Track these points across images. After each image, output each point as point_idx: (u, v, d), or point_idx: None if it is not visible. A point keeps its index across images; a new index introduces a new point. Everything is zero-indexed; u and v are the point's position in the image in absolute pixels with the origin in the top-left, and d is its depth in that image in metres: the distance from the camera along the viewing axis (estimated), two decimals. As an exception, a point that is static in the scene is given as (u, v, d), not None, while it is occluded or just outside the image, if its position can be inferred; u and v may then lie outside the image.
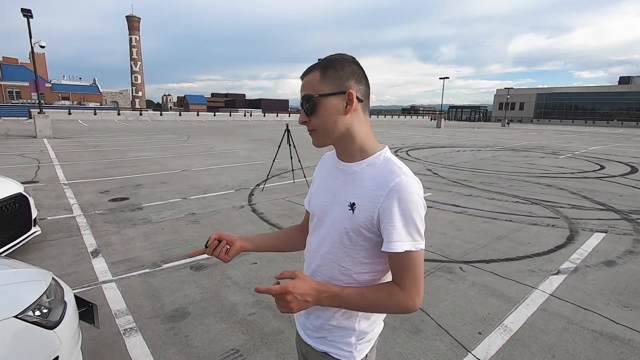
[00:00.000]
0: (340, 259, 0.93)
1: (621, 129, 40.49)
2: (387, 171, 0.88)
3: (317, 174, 1.09)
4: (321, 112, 0.88)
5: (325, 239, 0.96)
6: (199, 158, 10.46)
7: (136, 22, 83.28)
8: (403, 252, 0.83)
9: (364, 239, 0.90)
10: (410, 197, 0.84)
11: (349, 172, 0.94)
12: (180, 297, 2.89)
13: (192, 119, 40.08)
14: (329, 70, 0.89)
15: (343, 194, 0.93)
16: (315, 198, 1.03)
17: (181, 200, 5.78)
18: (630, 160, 11.77)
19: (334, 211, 0.93)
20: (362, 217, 0.88)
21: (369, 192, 0.87)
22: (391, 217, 0.84)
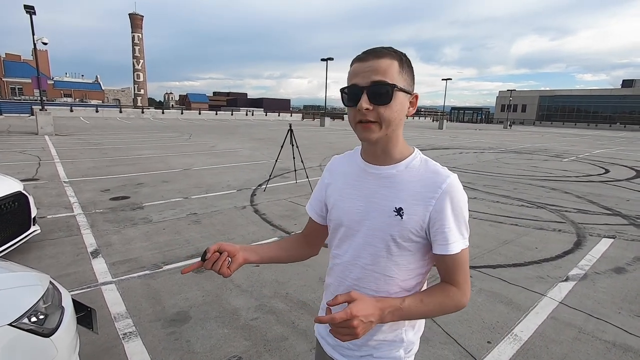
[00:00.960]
0: (386, 268, 0.89)
1: (624, 132, 40.33)
2: (432, 172, 0.86)
3: (331, 179, 1.01)
4: (393, 105, 0.81)
5: (365, 249, 0.90)
6: (200, 157, 10.40)
7: (139, 19, 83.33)
8: (459, 251, 0.84)
9: (410, 244, 0.87)
10: (461, 196, 0.85)
11: (384, 175, 0.89)
12: (182, 300, 2.82)
13: (193, 118, 40.05)
14: (405, 64, 0.84)
15: (382, 199, 0.87)
16: (341, 205, 0.94)
17: (183, 199, 5.72)
18: (634, 164, 11.68)
19: (373, 218, 0.88)
20: (413, 222, 0.84)
21: (417, 195, 0.84)
22: (445, 219, 0.83)
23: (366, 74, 0.81)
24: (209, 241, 4.01)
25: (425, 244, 0.87)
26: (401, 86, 0.81)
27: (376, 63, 0.80)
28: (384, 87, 0.80)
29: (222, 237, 4.15)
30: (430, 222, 0.83)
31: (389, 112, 0.81)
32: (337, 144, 15.73)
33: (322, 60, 33.60)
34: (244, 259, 0.97)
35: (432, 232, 0.84)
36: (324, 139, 17.92)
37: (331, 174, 1.02)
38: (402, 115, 0.84)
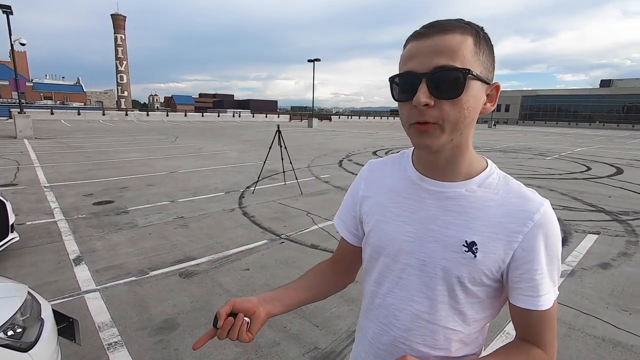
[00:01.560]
0: (447, 318, 0.68)
1: (603, 131, 41.57)
2: (518, 196, 0.65)
3: (369, 191, 0.79)
4: (465, 100, 0.58)
5: (420, 292, 0.69)
6: (187, 159, 10.23)
7: (122, 20, 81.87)
8: (550, 307, 0.64)
9: (481, 289, 0.66)
10: (557, 232, 0.64)
11: (449, 195, 0.67)
12: (169, 307, 2.74)
13: (179, 120, 39.49)
14: (483, 42, 0.60)
15: (445, 227, 0.66)
16: (385, 228, 0.72)
17: (169, 203, 5.59)
18: (614, 162, 12.01)
19: (432, 251, 0.67)
20: (490, 262, 0.63)
21: (497, 226, 0.63)
22: (537, 262, 0.62)
23: (426, 56, 0.58)
24: (197, 245, 3.92)
25: (497, 288, 0.67)
26: (477, 73, 0.58)
27: (441, 40, 0.57)
28: (453, 73, 0.57)
29: (211, 240, 4.07)
30: (513, 264, 0.63)
31: (458, 110, 0.58)
32: (325, 144, 15.72)
33: (309, 62, 33.58)
34: (267, 314, 0.74)
35: (513, 276, 0.64)
36: (312, 140, 17.88)
37: (368, 185, 0.79)
38: (476, 114, 0.61)
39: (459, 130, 0.60)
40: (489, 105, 0.64)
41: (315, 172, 8.67)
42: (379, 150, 13.94)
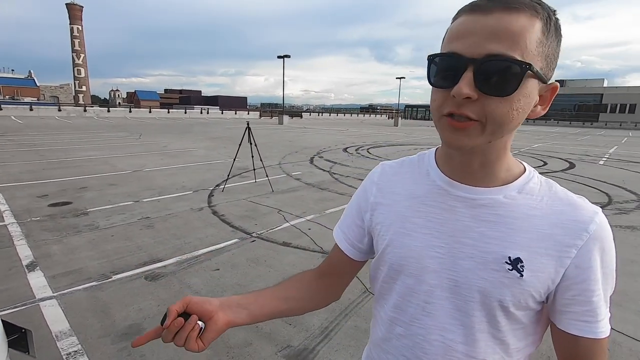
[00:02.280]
0: (486, 350, 0.58)
1: (557, 128, 44.31)
2: (567, 204, 0.55)
3: (383, 197, 0.67)
4: (516, 99, 0.49)
5: (453, 319, 0.58)
6: (152, 157, 9.83)
7: (78, 10, 77.14)
8: (605, 337, 0.54)
9: (526, 314, 0.56)
10: (612, 246, 0.55)
11: (484, 202, 0.57)
12: (134, 311, 2.62)
13: (143, 116, 37.86)
14: (553, 30, 0.50)
15: (482, 240, 0.56)
16: (406, 242, 0.61)
17: (133, 203, 5.34)
18: (568, 157, 12.83)
19: (467, 270, 0.56)
20: (538, 282, 0.53)
21: (546, 240, 0.53)
22: (594, 282, 0.53)
23: (480, 37, 0.47)
24: (164, 246, 3.78)
25: (540, 311, 0.58)
26: (537, 68, 0.49)
27: (503, 20, 0.47)
28: (510, 66, 0.47)
29: (178, 241, 3.93)
30: (563, 284, 0.53)
31: (506, 110, 0.49)
32: (296, 141, 15.65)
33: (279, 58, 33.28)
34: (227, 323, 0.62)
35: (564, 298, 0.54)
36: (283, 137, 17.75)
37: (382, 191, 0.68)
38: (524, 116, 0.52)
39: (501, 132, 0.51)
40: (539, 109, 0.54)
41: (286, 169, 8.61)
42: (350, 147, 14.06)
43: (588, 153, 14.43)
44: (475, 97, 0.48)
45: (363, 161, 10.28)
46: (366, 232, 0.70)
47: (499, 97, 0.48)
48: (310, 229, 4.46)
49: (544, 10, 0.49)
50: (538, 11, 0.48)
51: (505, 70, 0.47)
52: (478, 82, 0.48)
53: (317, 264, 3.10)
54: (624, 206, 5.97)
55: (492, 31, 0.47)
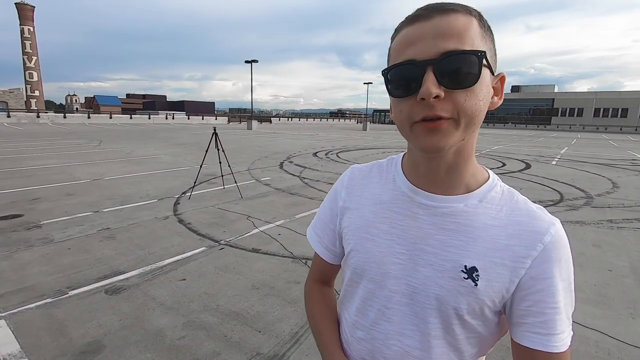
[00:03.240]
0: (442, 356, 0.59)
1: (514, 131, 46.96)
2: (525, 214, 0.56)
3: (351, 202, 0.68)
4: (479, 89, 0.50)
5: (410, 324, 0.60)
6: (113, 165, 9.38)
7: (29, 10, 72.52)
8: (565, 350, 0.53)
9: (482, 323, 0.57)
10: (569, 258, 0.55)
11: (446, 211, 0.57)
12: (93, 327, 2.48)
13: (103, 122, 36.11)
14: (486, 26, 0.53)
15: (440, 249, 0.57)
16: (369, 248, 0.62)
17: (92, 214, 5.07)
18: (524, 158, 13.62)
19: (426, 278, 0.57)
20: (493, 291, 0.54)
21: (502, 250, 0.54)
22: (550, 295, 0.52)
23: (430, 40, 0.49)
24: (126, 258, 3.61)
25: (498, 322, 0.58)
26: (489, 58, 0.51)
27: (445, 21, 0.49)
28: (467, 57, 0.49)
29: (142, 251, 3.78)
30: (518, 294, 0.54)
31: (474, 101, 0.50)
32: (265, 146, 15.53)
33: (246, 63, 32.97)
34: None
35: (519, 309, 0.54)
36: (252, 142, 17.55)
37: (350, 195, 0.68)
38: (486, 107, 0.53)
39: (473, 125, 0.52)
40: (496, 99, 0.55)
41: (255, 174, 8.52)
42: (320, 151, 14.14)
43: (542, 154, 15.38)
44: (443, 95, 0.49)
45: (333, 165, 10.36)
46: (337, 235, 0.71)
47: (465, 90, 0.49)
48: (280, 234, 4.43)
49: (475, 10, 0.52)
50: (471, 11, 0.51)
51: (463, 63, 0.49)
52: (441, 81, 0.49)
53: (287, 269, 3.11)
54: (573, 203, 6.41)
55: (439, 32, 0.49)
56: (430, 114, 0.49)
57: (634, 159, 14.41)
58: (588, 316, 2.77)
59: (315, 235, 0.75)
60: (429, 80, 0.48)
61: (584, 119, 61.33)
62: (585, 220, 5.34)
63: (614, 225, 5.13)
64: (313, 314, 0.77)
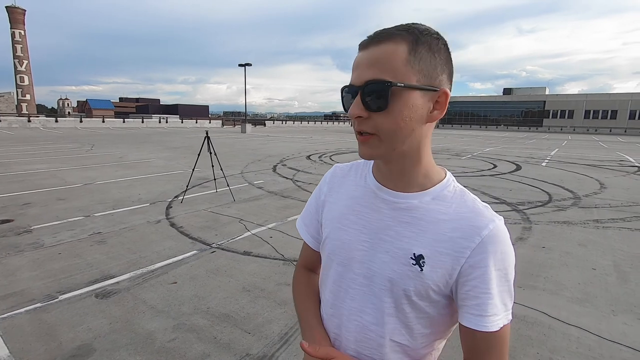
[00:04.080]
0: (394, 331, 0.67)
1: (506, 133, 47.48)
2: (470, 211, 0.63)
3: (330, 196, 0.78)
4: (397, 111, 0.57)
5: (369, 302, 0.68)
6: (105, 169, 9.34)
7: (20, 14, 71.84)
8: (499, 330, 0.60)
9: (430, 304, 0.65)
10: (508, 249, 0.62)
11: (402, 206, 0.66)
12: (83, 331, 2.49)
13: (96, 126, 35.85)
14: (421, 47, 0.58)
15: (396, 238, 0.65)
16: (339, 236, 0.72)
17: (84, 218, 5.06)
18: (515, 159, 13.80)
19: (382, 262, 0.66)
20: (437, 276, 0.62)
21: (446, 241, 0.62)
22: (483, 280, 0.60)
23: (363, 68, 0.58)
24: (117, 262, 3.62)
25: (447, 305, 0.66)
26: (409, 83, 0.57)
27: (374, 51, 0.58)
28: (377, 86, 0.57)
29: (133, 255, 3.79)
30: (460, 280, 0.61)
31: (388, 121, 0.58)
32: (259, 150, 15.55)
33: (240, 66, 33.00)
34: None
35: (461, 293, 0.62)
36: (246, 146, 17.56)
37: (330, 190, 0.79)
38: (415, 123, 0.59)
39: (398, 139, 0.60)
40: (436, 113, 0.61)
41: (248, 178, 8.54)
42: (313, 154, 14.20)
43: (533, 155, 15.58)
44: (366, 115, 0.59)
45: (326, 168, 10.42)
46: (320, 225, 0.80)
47: (381, 112, 0.58)
48: (272, 237, 4.47)
49: (410, 34, 0.58)
50: (403, 37, 0.57)
51: (376, 90, 0.57)
52: (365, 104, 0.58)
53: (278, 271, 3.16)
54: (561, 203, 6.53)
55: (368, 62, 0.58)
56: (358, 129, 0.61)
57: (621, 160, 14.66)
58: (572, 314, 2.83)
59: (304, 225, 0.85)
60: (355, 103, 0.59)
61: (574, 120, 62.17)
62: (572, 220, 5.44)
63: (599, 225, 5.24)
64: (298, 294, 0.85)
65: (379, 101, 0.57)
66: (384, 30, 0.59)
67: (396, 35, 0.58)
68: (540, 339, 2.51)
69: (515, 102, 69.07)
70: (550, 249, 4.23)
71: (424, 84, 0.58)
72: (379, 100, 0.57)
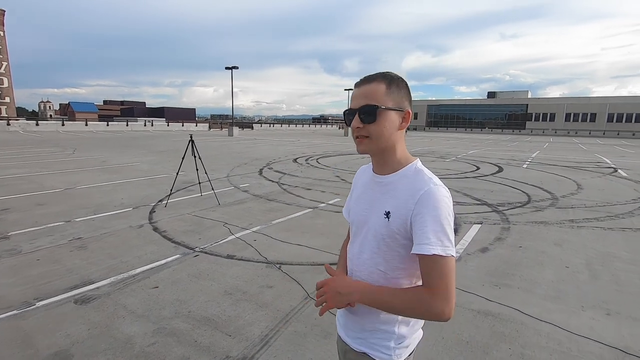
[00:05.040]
0: (378, 263, 1.01)
1: (491, 135, 48.42)
2: (417, 181, 0.96)
3: (355, 185, 1.18)
4: (381, 123, 0.95)
5: (365, 246, 1.04)
6: (88, 174, 9.19)
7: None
8: (431, 255, 0.88)
9: (399, 245, 0.97)
10: (439, 204, 0.91)
11: (384, 183, 1.02)
12: (61, 337, 2.47)
13: (79, 130, 35.13)
14: (393, 85, 0.97)
15: (379, 203, 1.00)
16: (354, 208, 1.11)
17: (64, 223, 4.98)
18: (498, 162, 14.11)
19: (372, 220, 1.01)
20: (397, 224, 0.95)
21: (402, 201, 0.95)
22: (421, 222, 0.90)
23: (359, 98, 0.97)
24: (97, 267, 3.58)
25: (411, 246, 0.94)
26: (387, 106, 0.95)
27: (366, 88, 0.97)
28: (369, 108, 0.94)
29: (114, 261, 3.75)
30: (412, 225, 0.93)
31: (376, 128, 0.95)
32: (246, 153, 15.50)
33: (227, 69, 32.84)
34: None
35: (412, 233, 0.93)
36: (232, 149, 17.49)
37: (355, 182, 1.19)
38: (392, 130, 0.97)
39: (382, 140, 0.96)
40: (403, 124, 0.99)
41: (234, 181, 8.52)
42: (300, 157, 14.23)
43: (514, 158, 15.97)
44: (362, 126, 0.97)
45: (312, 171, 10.46)
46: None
47: (371, 124, 0.96)
48: (256, 240, 4.48)
49: (387, 77, 0.97)
50: (383, 79, 0.97)
51: (368, 111, 0.96)
52: (361, 119, 0.96)
53: (261, 274, 3.20)
54: (539, 204, 6.72)
55: (362, 94, 0.98)
56: (358, 134, 0.99)
57: (599, 161, 15.15)
58: (544, 310, 2.94)
59: (345, 209, 1.22)
60: (355, 119, 0.97)
61: (556, 123, 63.83)
62: (549, 220, 5.62)
63: (574, 224, 5.43)
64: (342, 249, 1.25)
65: (370, 117, 0.95)
66: (370, 75, 0.99)
67: (379, 78, 0.97)
68: (513, 335, 2.61)
69: (499, 105, 70.51)
70: (527, 249, 4.36)
71: (395, 106, 0.97)
72: (370, 116, 0.95)
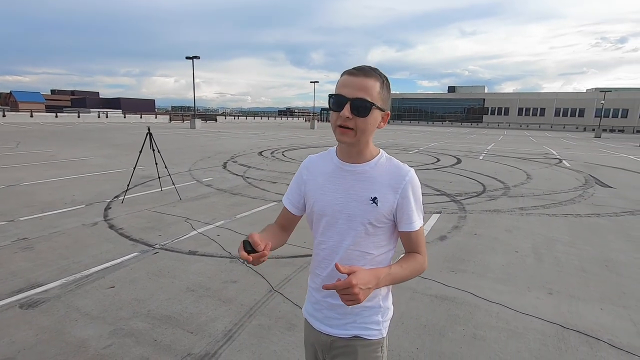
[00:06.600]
0: (365, 247, 1.06)
1: (451, 128, 50.51)
2: (397, 167, 1.07)
3: (310, 176, 1.16)
4: (369, 120, 0.98)
5: (348, 233, 1.06)
6: (33, 169, 8.52)
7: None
8: (418, 229, 1.05)
9: (383, 225, 1.06)
10: (418, 185, 1.07)
11: (359, 171, 1.06)
12: (5, 345, 2.30)
13: (23, 122, 32.37)
14: (384, 86, 1.01)
15: (359, 190, 1.05)
16: (324, 198, 1.09)
17: (6, 223, 4.60)
18: (456, 154, 14.77)
19: (352, 207, 1.04)
20: (386, 207, 1.03)
21: (388, 186, 1.03)
22: (409, 204, 1.03)
23: (353, 88, 0.96)
24: (46, 269, 3.36)
25: (392, 225, 1.08)
26: (379, 105, 0.98)
27: (363, 81, 0.96)
28: (365, 103, 0.95)
29: (65, 261, 3.53)
30: (397, 207, 1.04)
31: (364, 124, 0.98)
32: (209, 146, 15.07)
33: (188, 59, 31.65)
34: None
35: (398, 214, 1.05)
36: (195, 142, 16.93)
37: (309, 172, 1.17)
38: (374, 127, 1.02)
39: (364, 135, 1.00)
40: (382, 124, 1.05)
41: (196, 175, 8.27)
42: (265, 150, 14.06)
43: (472, 150, 16.79)
44: (351, 117, 0.96)
45: (278, 164, 10.38)
46: (302, 197, 1.18)
47: (362, 118, 0.97)
48: (220, 235, 4.40)
49: (381, 77, 1.00)
50: (378, 78, 0.99)
51: (363, 105, 0.96)
52: (352, 110, 0.96)
53: (225, 269, 3.16)
54: (493, 194, 7.14)
55: (359, 86, 0.96)
56: (343, 124, 0.98)
57: (546, 153, 16.31)
58: (494, 293, 3.15)
59: (287, 199, 1.21)
60: (346, 108, 0.96)
61: (510, 117, 67.73)
62: (501, 209, 5.99)
63: (524, 212, 5.83)
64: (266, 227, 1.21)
65: (364, 112, 0.96)
66: (367, 67, 0.99)
67: (375, 75, 0.99)
68: (467, 317, 2.77)
69: (458, 100, 73.62)
70: (481, 236, 4.63)
71: (382, 106, 1.01)
72: (363, 111, 0.96)
